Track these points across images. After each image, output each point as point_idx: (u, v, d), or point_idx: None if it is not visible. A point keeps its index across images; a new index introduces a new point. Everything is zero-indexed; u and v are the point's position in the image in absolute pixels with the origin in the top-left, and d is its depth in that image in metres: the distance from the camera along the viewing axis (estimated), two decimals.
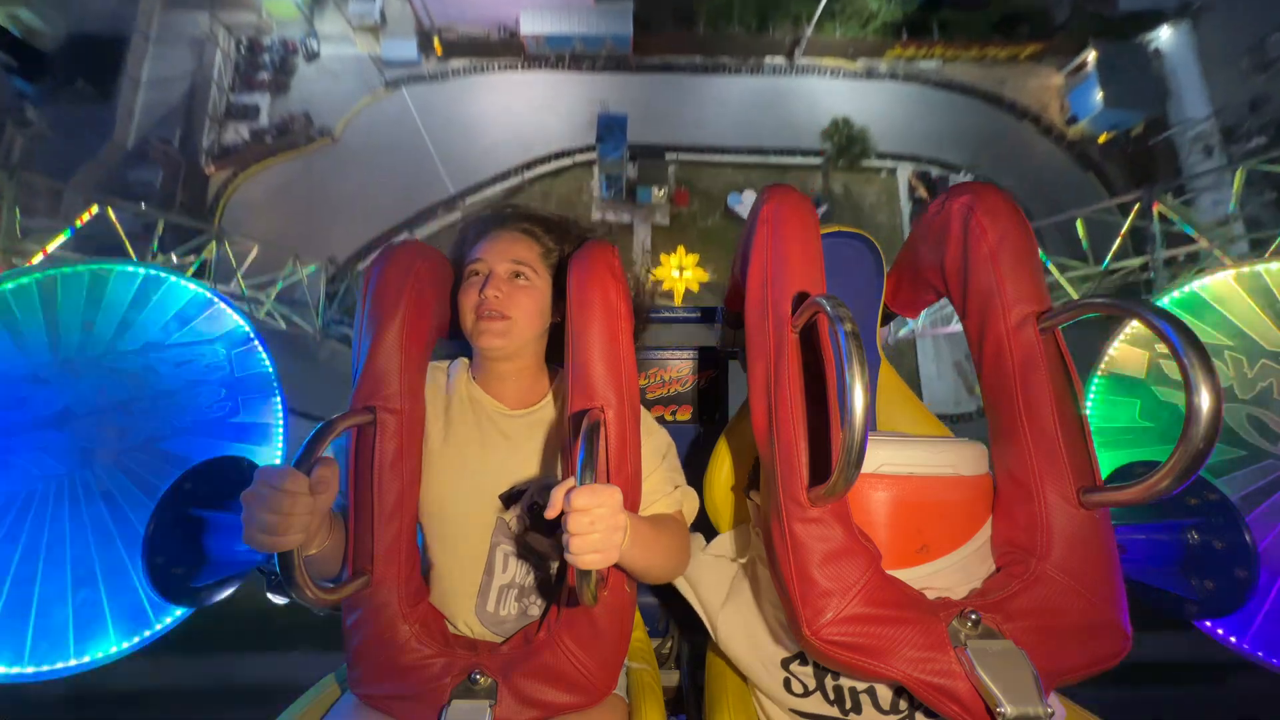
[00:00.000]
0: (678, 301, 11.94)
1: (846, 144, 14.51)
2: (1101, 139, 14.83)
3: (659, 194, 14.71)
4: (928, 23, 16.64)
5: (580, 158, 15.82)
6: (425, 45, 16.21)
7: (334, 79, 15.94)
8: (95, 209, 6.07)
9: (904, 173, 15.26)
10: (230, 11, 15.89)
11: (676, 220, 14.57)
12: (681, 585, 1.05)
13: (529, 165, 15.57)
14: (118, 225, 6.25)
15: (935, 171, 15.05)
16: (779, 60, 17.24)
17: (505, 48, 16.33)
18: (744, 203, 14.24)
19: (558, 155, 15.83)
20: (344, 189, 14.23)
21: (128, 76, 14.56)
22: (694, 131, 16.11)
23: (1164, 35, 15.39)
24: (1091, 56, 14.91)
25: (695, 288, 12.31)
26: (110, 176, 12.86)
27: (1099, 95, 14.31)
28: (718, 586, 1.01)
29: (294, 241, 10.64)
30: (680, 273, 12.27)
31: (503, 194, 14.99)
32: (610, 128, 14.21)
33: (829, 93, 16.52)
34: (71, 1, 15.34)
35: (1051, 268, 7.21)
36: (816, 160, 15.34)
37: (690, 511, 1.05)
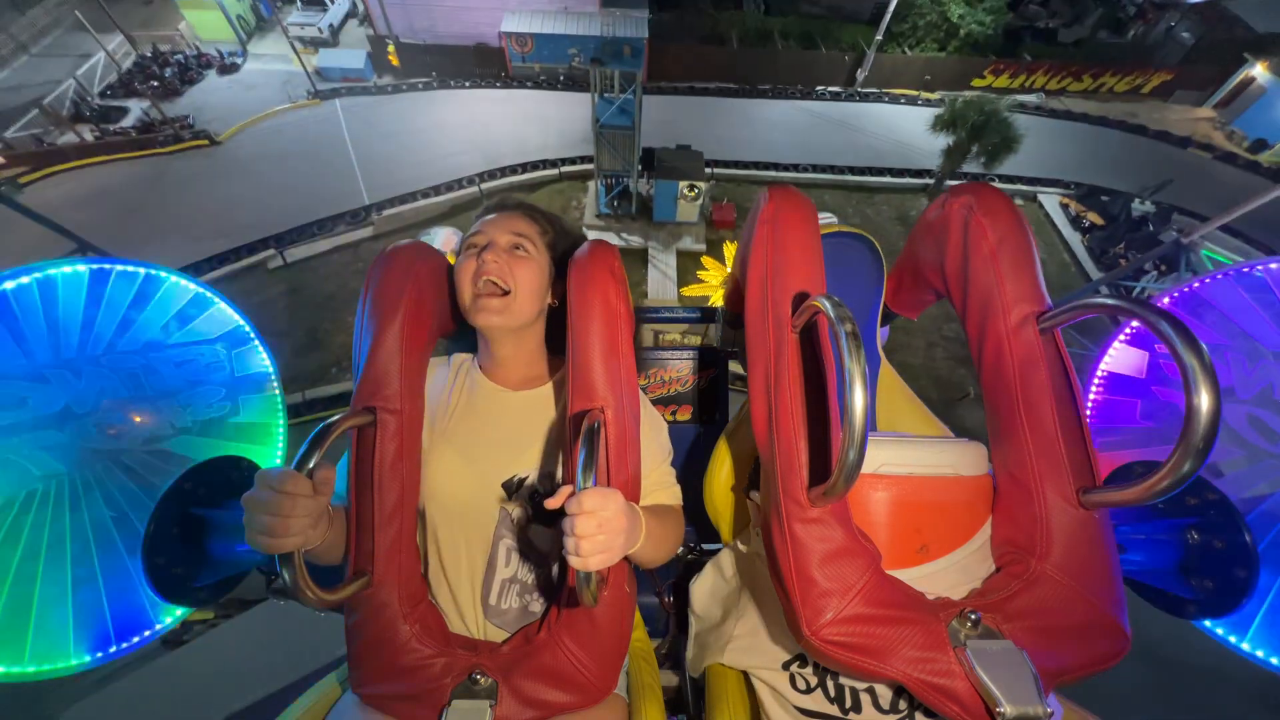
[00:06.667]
0: None
1: (983, 125, 10.19)
2: None
3: (689, 194, 9.71)
4: (1016, 50, 14.61)
5: (570, 169, 12.24)
6: (380, 59, 13.79)
7: (246, 89, 13.75)
8: None
9: (1049, 200, 12.53)
10: (151, 29, 13.87)
11: (714, 248, 10.27)
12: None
13: (490, 174, 12.03)
14: None
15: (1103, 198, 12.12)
16: (835, 89, 14.78)
17: (481, 62, 14.17)
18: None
19: (536, 165, 12.19)
20: (207, 198, 11.58)
21: None
22: (736, 150, 12.90)
23: None
24: (1260, 73, 13.26)
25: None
26: None
27: None
28: (711, 610, 1.05)
29: (99, 248, 8.06)
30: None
31: (448, 207, 11.65)
32: (615, 53, 9.22)
33: (913, 117, 13.66)
34: None
35: None
36: (917, 182, 12.63)
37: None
